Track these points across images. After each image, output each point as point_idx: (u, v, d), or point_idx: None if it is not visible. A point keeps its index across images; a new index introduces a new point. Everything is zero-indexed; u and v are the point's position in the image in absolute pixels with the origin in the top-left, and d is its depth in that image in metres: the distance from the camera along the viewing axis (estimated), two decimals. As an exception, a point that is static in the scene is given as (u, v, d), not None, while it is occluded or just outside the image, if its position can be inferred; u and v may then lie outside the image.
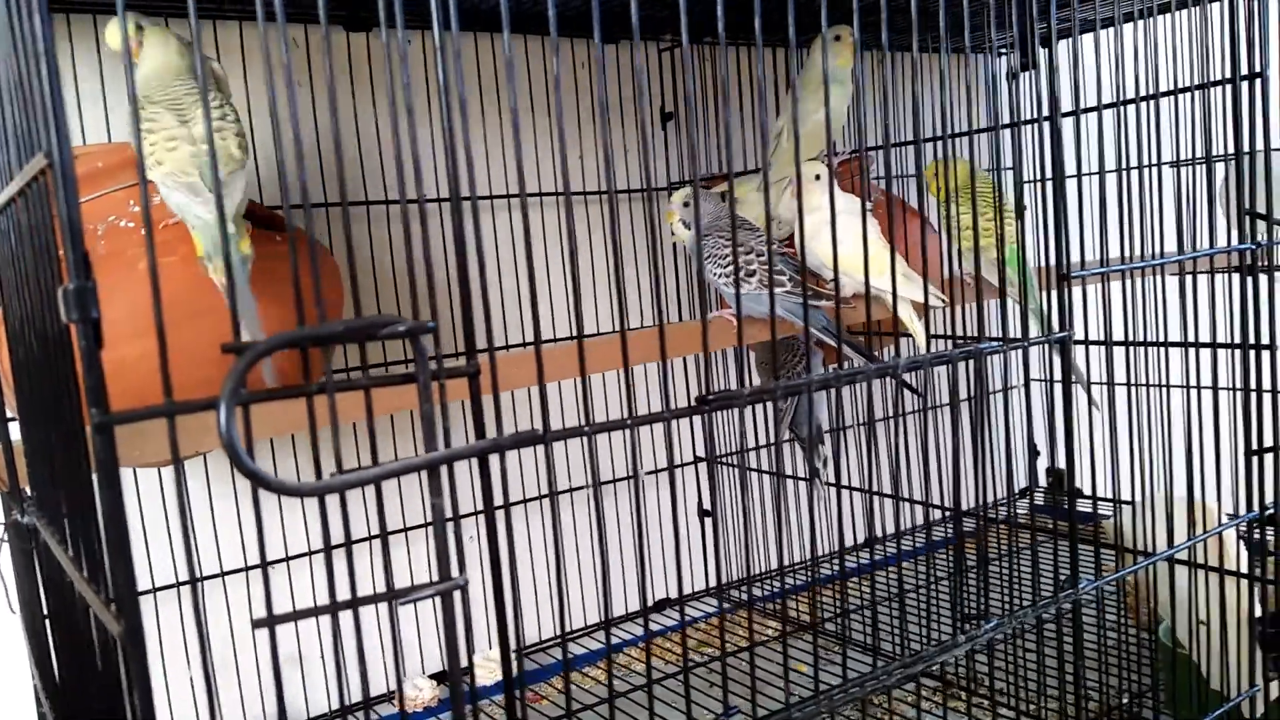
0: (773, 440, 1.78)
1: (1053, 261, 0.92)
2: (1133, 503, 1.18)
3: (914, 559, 1.83)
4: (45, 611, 0.92)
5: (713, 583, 1.81)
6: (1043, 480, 2.22)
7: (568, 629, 1.68)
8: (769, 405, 1.76)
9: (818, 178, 1.18)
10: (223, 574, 1.36)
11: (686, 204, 1.26)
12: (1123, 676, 1.20)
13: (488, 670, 1.55)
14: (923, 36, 1.60)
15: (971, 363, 0.82)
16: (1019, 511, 2.08)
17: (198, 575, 1.34)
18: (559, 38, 1.60)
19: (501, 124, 1.54)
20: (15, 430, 0.89)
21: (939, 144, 0.90)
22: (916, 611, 1.50)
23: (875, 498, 1.71)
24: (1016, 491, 2.08)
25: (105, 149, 1.11)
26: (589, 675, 1.56)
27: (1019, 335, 0.91)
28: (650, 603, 1.73)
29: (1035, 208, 0.98)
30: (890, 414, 1.84)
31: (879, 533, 1.83)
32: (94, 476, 0.51)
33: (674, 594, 1.75)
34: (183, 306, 0.99)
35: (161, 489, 1.31)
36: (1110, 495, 1.74)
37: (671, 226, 1.27)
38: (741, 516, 1.75)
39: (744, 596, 1.75)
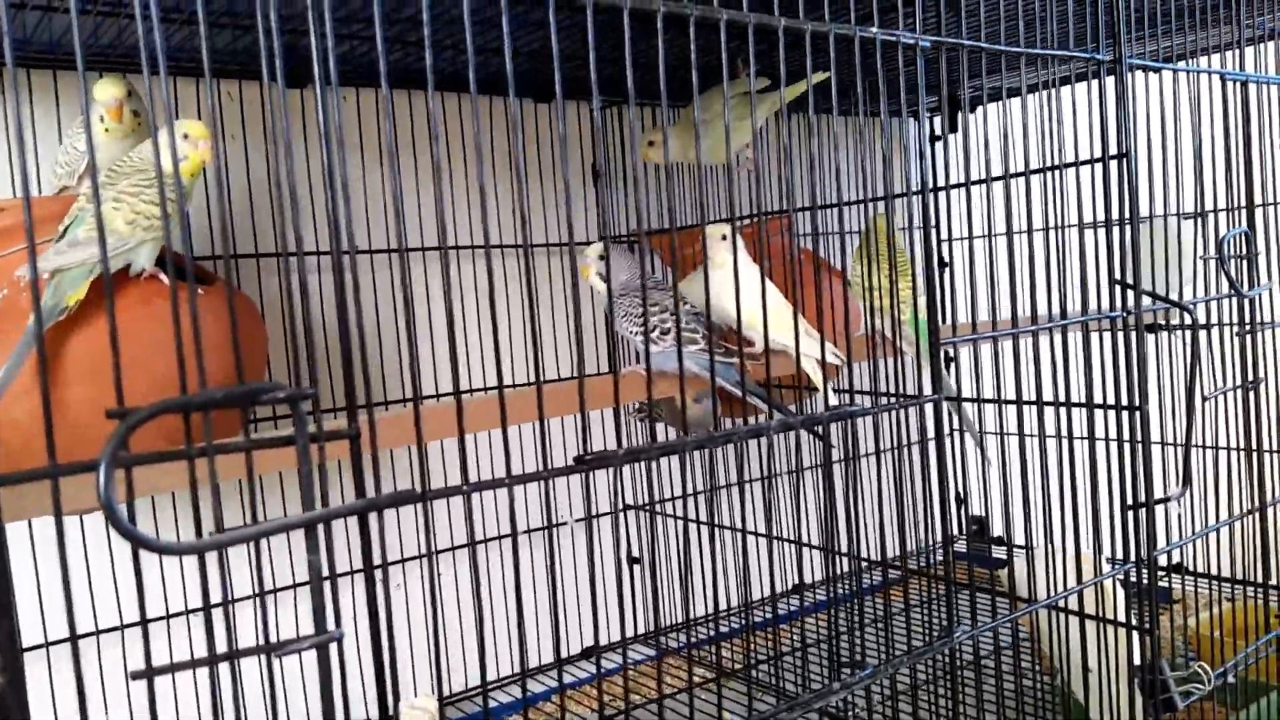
0: (690, 491, 1.82)
1: (940, 322, 0.98)
2: (1028, 550, 1.24)
3: (837, 608, 1.88)
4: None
5: (629, 632, 1.83)
6: (965, 528, 2.29)
7: (486, 679, 1.70)
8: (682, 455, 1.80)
9: (724, 238, 1.24)
10: (122, 627, 1.36)
11: (602, 257, 1.30)
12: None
13: (423, 715, 1.56)
14: (842, 101, 1.67)
15: (878, 417, 0.87)
16: (935, 560, 2.14)
17: (94, 625, 1.35)
18: (490, 97, 1.66)
19: (418, 177, 1.59)
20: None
21: (861, 206, 0.96)
22: (819, 659, 1.55)
23: (782, 546, 1.76)
24: (929, 541, 2.13)
25: (13, 204, 1.14)
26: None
27: (916, 393, 0.96)
28: (566, 653, 1.75)
29: (932, 272, 1.04)
30: (792, 468, 1.89)
31: (793, 581, 1.87)
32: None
33: (590, 642, 1.78)
34: (81, 364, 1.03)
35: (104, 533, 1.32)
36: (1023, 544, 1.81)
37: (589, 281, 1.32)
38: (650, 565, 1.79)
39: (669, 644, 1.78)
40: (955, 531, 2.25)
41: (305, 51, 1.27)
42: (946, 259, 2.16)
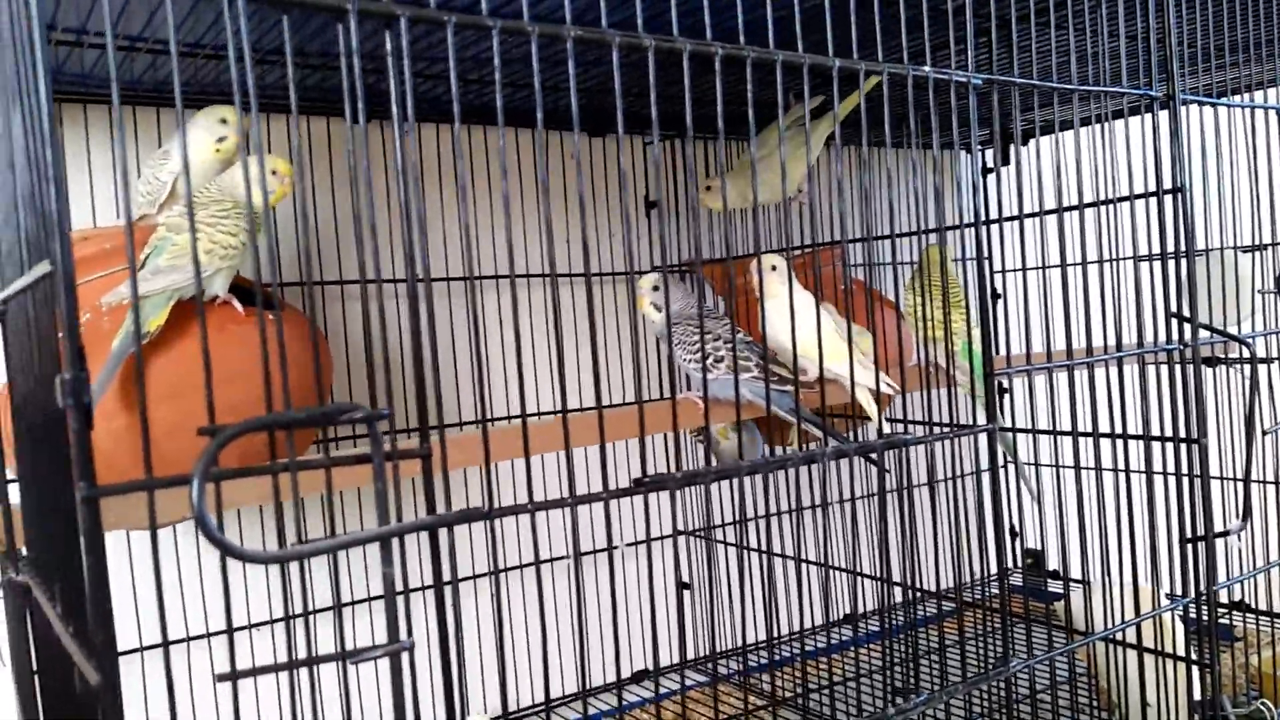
0: (746, 516, 1.83)
1: (997, 352, 0.99)
2: (1084, 584, 1.23)
3: (893, 638, 1.87)
4: (35, 666, 0.98)
5: (687, 656, 1.85)
6: (1020, 560, 2.27)
7: (550, 697, 1.72)
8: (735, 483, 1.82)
9: (774, 268, 1.26)
10: (208, 635, 1.41)
11: (656, 288, 1.33)
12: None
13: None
14: (895, 133, 1.69)
15: (931, 447, 0.88)
16: (993, 592, 2.12)
17: (178, 633, 1.39)
18: (549, 131, 1.71)
19: (491, 208, 1.64)
20: (13, 492, 0.96)
21: (915, 238, 0.98)
22: (871, 689, 1.54)
23: (843, 575, 1.76)
24: (989, 572, 2.12)
25: (114, 231, 1.20)
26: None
27: (970, 423, 0.97)
28: (625, 674, 1.76)
29: (985, 303, 1.06)
30: (847, 497, 1.89)
31: (846, 610, 1.87)
32: (80, 542, 0.58)
33: (650, 665, 1.79)
34: (184, 380, 1.08)
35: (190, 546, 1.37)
36: (1080, 577, 1.79)
37: (643, 311, 1.35)
38: (706, 590, 1.80)
39: (718, 670, 1.79)
40: (1010, 565, 2.23)
41: (382, 88, 1.32)
42: (1000, 290, 2.16)
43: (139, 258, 1.12)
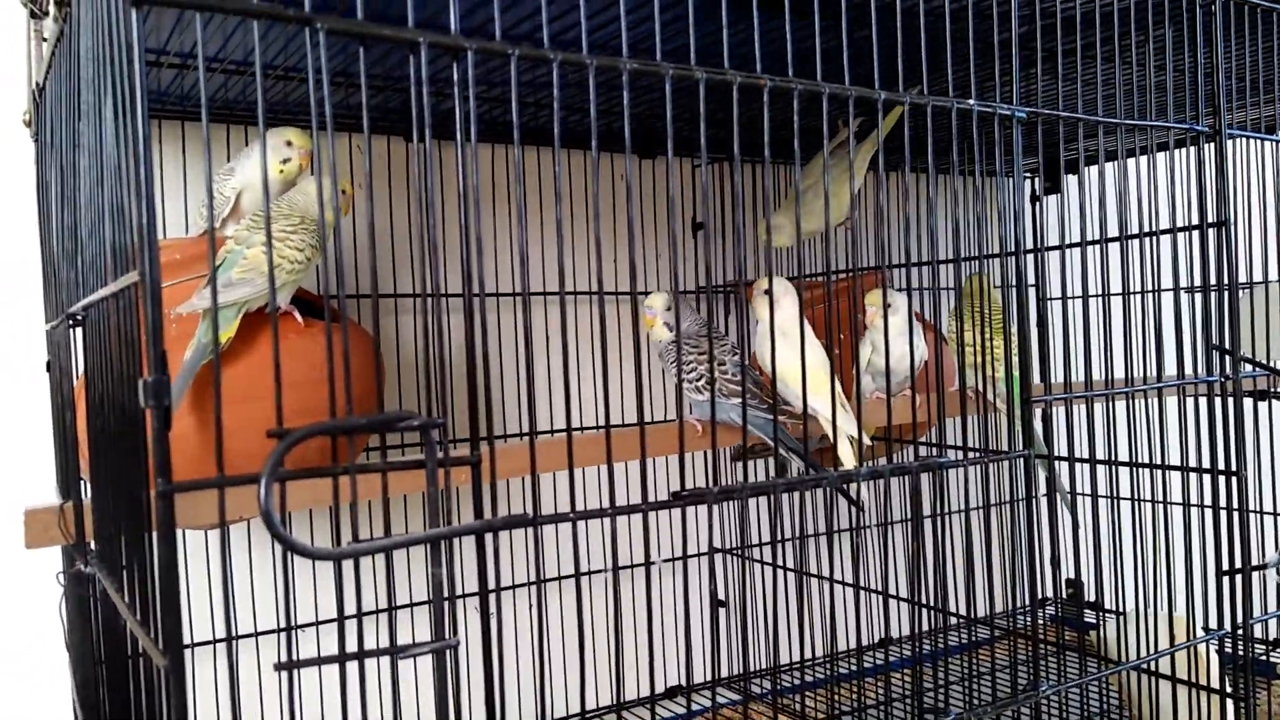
0: (784, 536, 1.85)
1: (1033, 380, 1.00)
2: (1119, 614, 1.24)
3: (915, 648, 1.87)
4: (99, 655, 1.03)
5: (721, 673, 1.86)
6: (1061, 590, 2.26)
7: (586, 708, 1.75)
8: (771, 499, 1.84)
9: (765, 293, 1.25)
10: (256, 634, 1.46)
11: (669, 308, 1.32)
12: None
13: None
14: (939, 160, 1.71)
15: (967, 472, 0.90)
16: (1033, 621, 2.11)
17: (234, 630, 1.44)
18: (601, 153, 1.75)
19: (543, 227, 1.68)
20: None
21: (960, 264, 1.00)
22: (904, 712, 1.55)
23: (875, 598, 1.77)
24: (1032, 600, 2.11)
25: (184, 243, 1.25)
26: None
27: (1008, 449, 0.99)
28: (660, 689, 1.79)
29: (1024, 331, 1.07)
30: (884, 520, 1.90)
31: (880, 634, 1.87)
32: (154, 534, 0.62)
33: (677, 681, 1.81)
34: (246, 386, 1.12)
35: (207, 553, 1.42)
36: (1116, 607, 1.78)
37: (649, 330, 1.34)
38: (740, 609, 1.81)
39: (755, 690, 1.80)
40: (1050, 594, 2.22)
41: (445, 109, 1.37)
42: (1047, 319, 2.16)
43: (208, 270, 1.17)
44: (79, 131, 0.90)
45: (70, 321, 1.00)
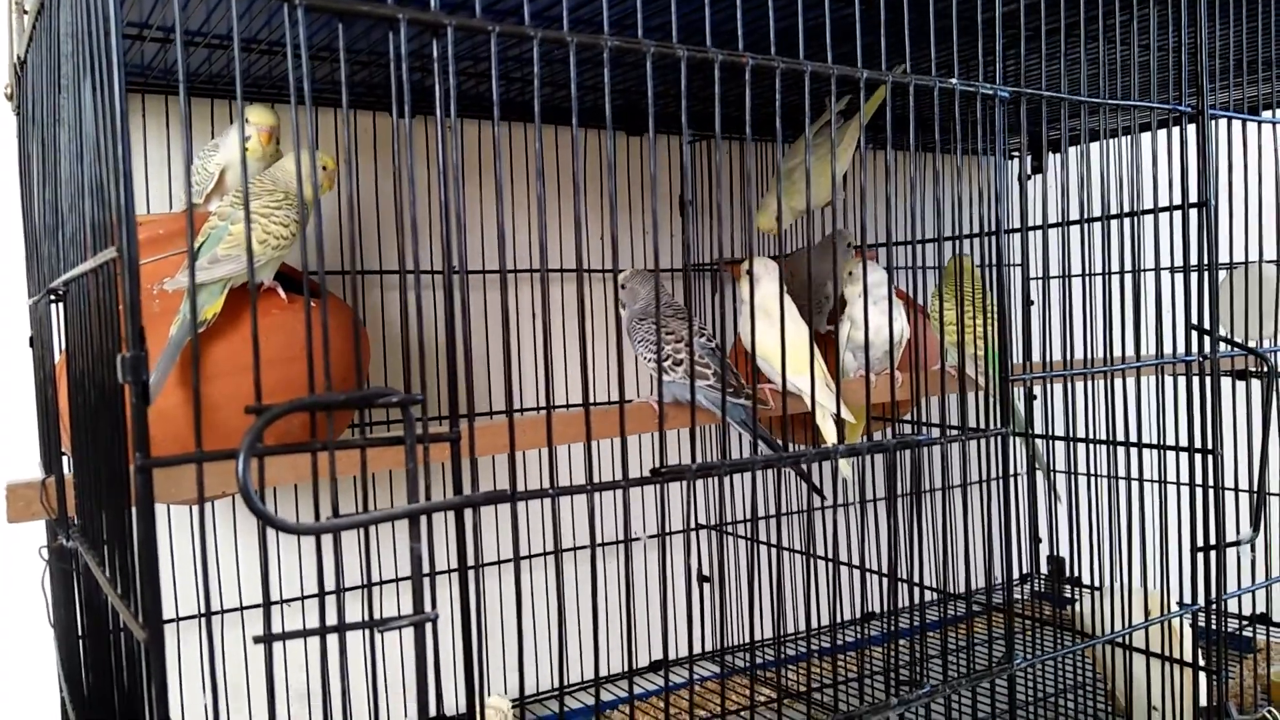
0: (764, 513, 1.87)
1: (1014, 359, 1.01)
2: (1095, 590, 1.26)
3: (899, 636, 1.90)
4: (80, 629, 1.04)
5: (702, 648, 1.88)
6: (1042, 566, 2.28)
7: (565, 683, 1.77)
8: (759, 474, 1.85)
9: (749, 273, 1.26)
10: (241, 609, 1.47)
11: (623, 286, 1.31)
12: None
13: (495, 714, 1.63)
14: (923, 138, 1.71)
15: (948, 450, 0.90)
16: (1016, 597, 2.14)
17: (214, 603, 1.45)
18: (585, 129, 1.75)
19: (529, 204, 1.68)
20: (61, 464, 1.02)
21: (942, 244, 1.00)
22: (885, 686, 1.57)
23: (850, 573, 1.79)
24: (1011, 577, 2.13)
25: (167, 218, 1.25)
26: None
27: (983, 427, 1.00)
28: (636, 664, 1.80)
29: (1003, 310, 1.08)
30: (869, 497, 1.92)
31: (859, 609, 1.89)
32: (133, 509, 0.62)
33: (659, 655, 1.83)
34: (230, 360, 1.13)
35: (192, 529, 1.43)
36: (1095, 583, 1.80)
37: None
38: (718, 584, 1.83)
39: (736, 663, 1.82)
40: (1032, 570, 2.24)
41: (426, 85, 1.36)
42: (1033, 298, 2.17)
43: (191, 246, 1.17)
44: (59, 106, 0.89)
45: (51, 296, 1.00)
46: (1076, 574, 2.08)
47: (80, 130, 0.75)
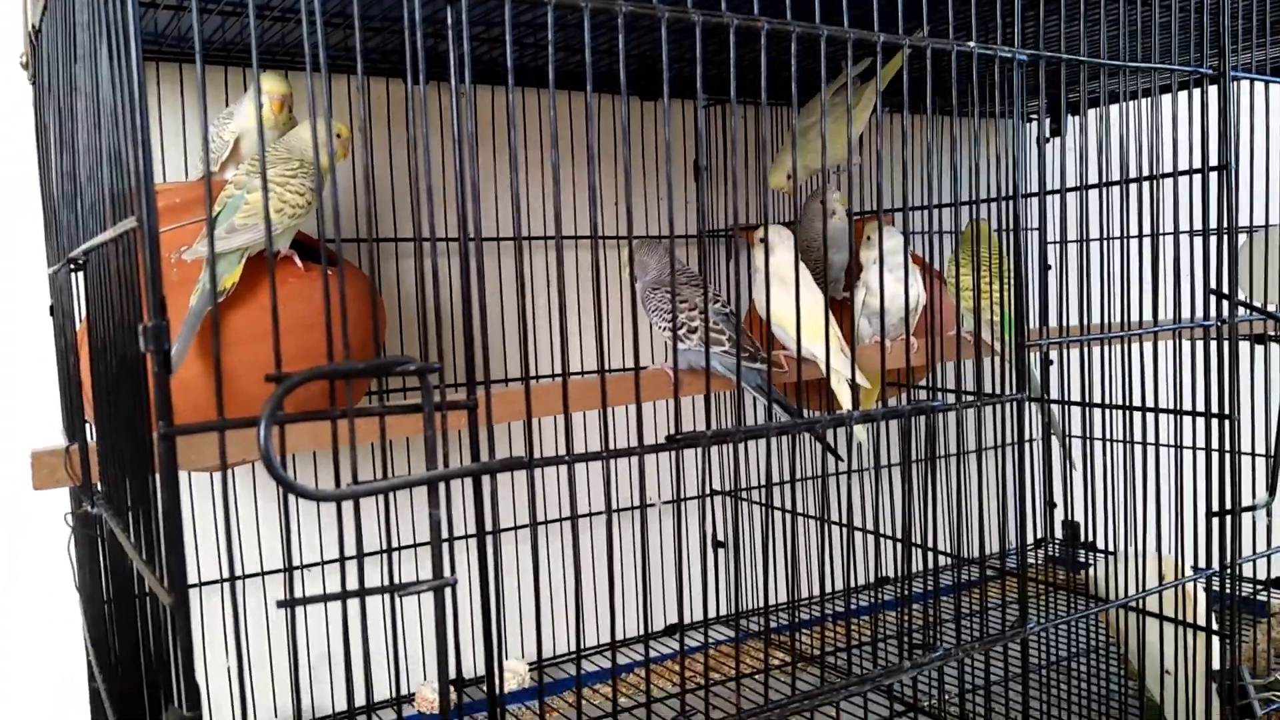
0: (779, 479, 1.87)
1: (1031, 324, 1.01)
2: (1109, 554, 1.26)
3: (913, 600, 1.91)
4: (106, 595, 1.05)
5: (717, 612, 1.90)
6: (1059, 531, 2.28)
7: (582, 646, 1.78)
8: (775, 441, 1.86)
9: (762, 241, 1.26)
10: (263, 573, 1.49)
11: (633, 257, 1.30)
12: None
13: (512, 677, 1.65)
14: (940, 101, 1.69)
15: (963, 415, 0.90)
16: (1031, 562, 2.14)
17: (237, 568, 1.47)
18: (601, 95, 1.74)
19: (543, 171, 1.67)
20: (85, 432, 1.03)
21: (959, 209, 1.00)
22: (899, 650, 1.58)
23: (864, 538, 1.80)
24: (1025, 542, 2.14)
25: (184, 186, 1.25)
26: (599, 691, 1.66)
27: (1000, 393, 1.00)
28: (652, 628, 1.82)
29: (1020, 276, 1.07)
30: (885, 462, 1.92)
31: (874, 575, 1.90)
32: (156, 476, 0.63)
33: (674, 620, 1.85)
34: (248, 328, 1.13)
35: (213, 494, 1.45)
36: (1110, 547, 1.80)
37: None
38: (733, 550, 1.84)
39: (751, 627, 1.84)
40: (1048, 535, 2.24)
41: (440, 51, 1.35)
42: (1051, 262, 2.16)
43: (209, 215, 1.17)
44: (75, 74, 0.89)
45: (71, 266, 1.00)
46: (1091, 539, 2.09)
47: (98, 99, 0.75)
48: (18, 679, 1.41)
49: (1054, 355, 2.09)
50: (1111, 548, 1.25)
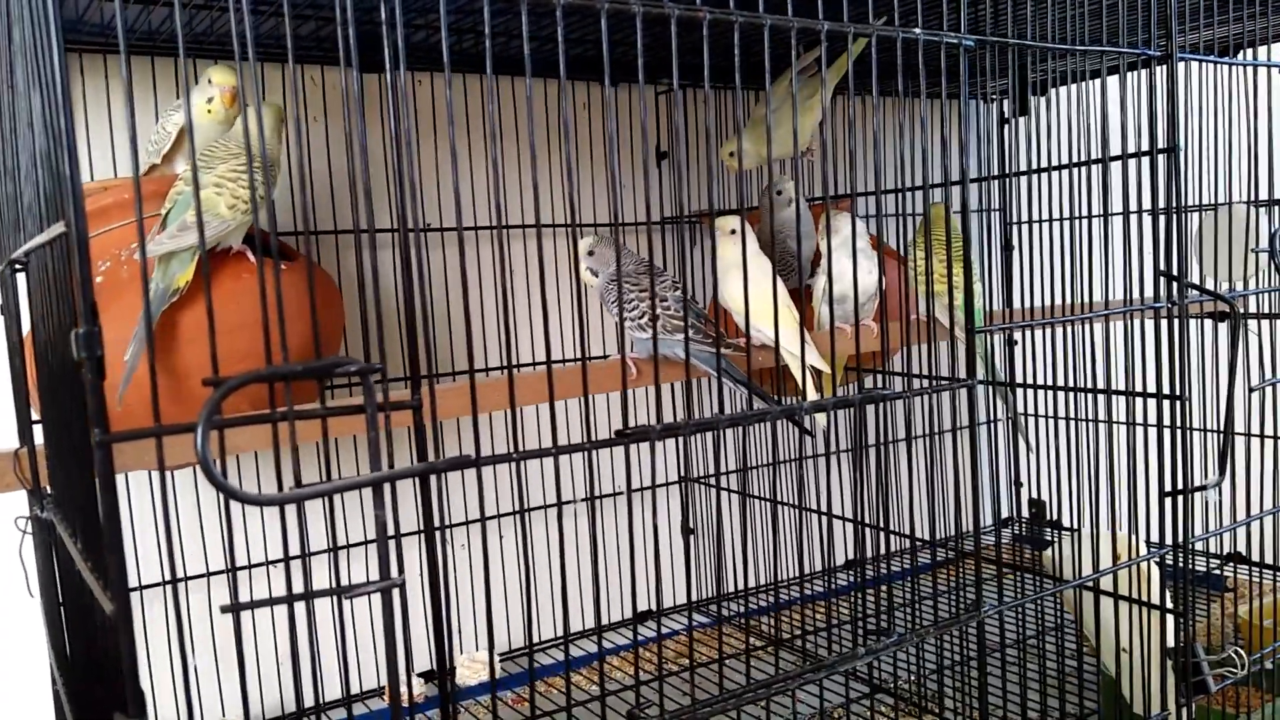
0: (731, 468, 1.88)
1: (994, 307, 1.01)
2: (1065, 534, 1.27)
3: (867, 585, 1.92)
4: (60, 598, 1.04)
5: (673, 601, 1.91)
6: (1023, 511, 2.31)
7: (533, 641, 1.79)
8: (737, 431, 1.86)
9: (733, 232, 1.27)
10: (208, 574, 1.48)
11: (591, 252, 1.29)
12: (1072, 700, 1.29)
13: (471, 670, 1.65)
14: (906, 82, 1.70)
15: (910, 401, 0.91)
16: (995, 542, 2.17)
17: (180, 570, 1.46)
18: (567, 81, 1.72)
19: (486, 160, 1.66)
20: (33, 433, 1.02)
21: (914, 192, 1.00)
22: (853, 635, 1.59)
23: (823, 521, 1.81)
24: (979, 523, 2.16)
25: (121, 184, 1.23)
26: (551, 685, 1.66)
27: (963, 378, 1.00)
28: (608, 620, 1.83)
29: (982, 259, 1.08)
30: (842, 448, 1.93)
31: (838, 558, 1.92)
32: (95, 483, 0.62)
33: (625, 609, 1.85)
34: (203, 326, 1.12)
35: (152, 494, 1.43)
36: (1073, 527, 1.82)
37: (584, 277, 1.31)
38: (685, 538, 1.85)
39: (710, 614, 1.85)
40: (1013, 514, 2.27)
41: (378, 38, 1.33)
42: (1014, 244, 2.17)
43: (160, 210, 1.15)
44: (14, 69, 0.87)
45: (14, 266, 0.99)
46: (1056, 517, 2.11)
47: (30, 97, 0.74)
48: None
49: (1017, 336, 2.10)
50: (1075, 526, 1.26)
